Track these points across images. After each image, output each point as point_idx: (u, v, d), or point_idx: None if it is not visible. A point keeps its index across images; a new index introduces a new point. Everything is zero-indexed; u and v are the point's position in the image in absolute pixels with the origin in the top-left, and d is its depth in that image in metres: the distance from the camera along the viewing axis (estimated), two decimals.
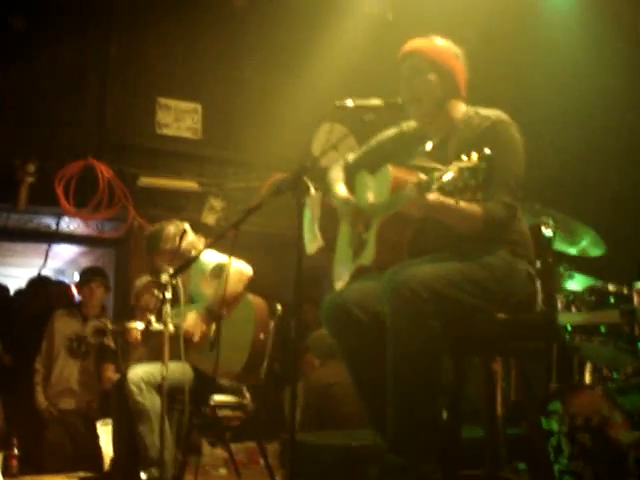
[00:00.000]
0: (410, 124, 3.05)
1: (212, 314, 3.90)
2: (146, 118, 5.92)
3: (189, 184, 5.93)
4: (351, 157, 3.17)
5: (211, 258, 4.02)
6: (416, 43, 2.95)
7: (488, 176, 2.33)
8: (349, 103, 2.84)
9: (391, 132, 3.09)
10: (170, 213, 5.59)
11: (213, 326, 3.96)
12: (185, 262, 3.06)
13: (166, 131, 5.94)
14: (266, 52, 6.18)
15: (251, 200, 5.88)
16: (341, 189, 3.03)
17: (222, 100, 6.11)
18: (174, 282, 3.38)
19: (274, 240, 5.83)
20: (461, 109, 2.91)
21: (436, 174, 2.44)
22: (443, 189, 2.39)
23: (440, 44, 2.93)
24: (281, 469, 4.37)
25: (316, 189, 2.90)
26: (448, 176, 2.37)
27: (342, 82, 5.83)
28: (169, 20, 5.94)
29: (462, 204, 2.48)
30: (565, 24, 5.60)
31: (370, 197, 2.93)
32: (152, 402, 3.73)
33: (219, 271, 3.98)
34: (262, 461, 4.18)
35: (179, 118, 5.97)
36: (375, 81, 5.98)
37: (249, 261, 4.08)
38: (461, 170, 2.34)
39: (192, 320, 3.93)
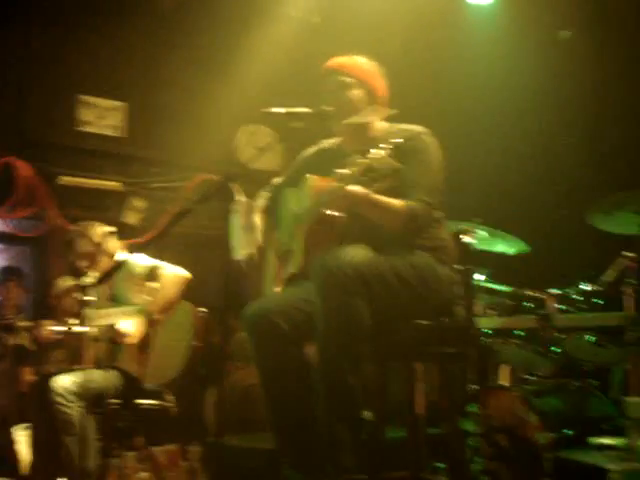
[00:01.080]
0: (330, 141, 3.10)
1: (151, 319, 3.87)
2: (67, 116, 5.80)
3: (111, 183, 5.84)
4: (277, 180, 3.20)
5: (141, 261, 3.97)
6: (341, 60, 3.02)
7: (400, 163, 2.46)
8: (276, 110, 2.86)
9: (311, 150, 3.15)
10: (91, 212, 5.49)
11: (149, 333, 3.92)
12: (113, 266, 3.02)
13: (88, 129, 5.83)
14: (191, 51, 6.13)
15: (174, 200, 5.83)
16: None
17: (146, 98, 6.04)
18: (97, 286, 3.34)
19: (196, 240, 5.79)
20: (382, 126, 2.98)
21: (352, 167, 2.54)
22: (359, 179, 2.45)
23: (365, 62, 3.01)
24: (203, 471, 4.36)
25: (244, 195, 2.92)
26: (363, 166, 2.47)
27: (267, 84, 5.83)
28: (93, 17, 5.82)
29: (385, 198, 2.58)
30: (485, 33, 5.73)
31: (294, 208, 2.97)
32: (77, 412, 3.66)
33: (152, 274, 3.94)
34: (184, 463, 4.15)
35: (101, 116, 5.87)
36: (300, 83, 6.02)
37: (169, 261, 4.05)
38: (375, 159, 2.45)
39: (132, 325, 3.88)
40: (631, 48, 5.17)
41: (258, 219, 3.11)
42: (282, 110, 2.83)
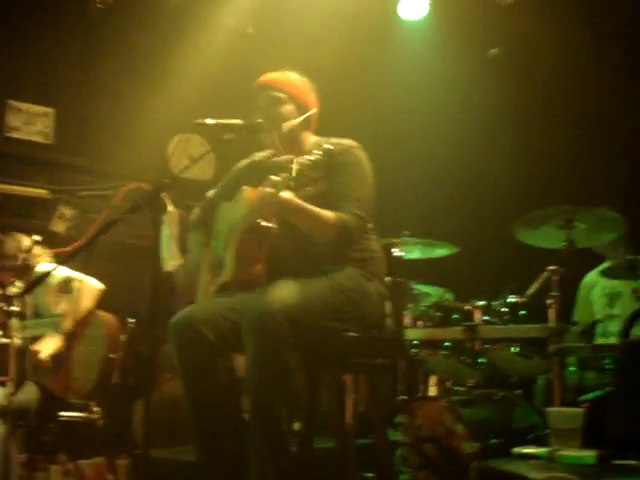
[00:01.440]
0: (261, 154, 3.13)
1: (66, 333, 3.81)
2: None
3: (39, 191, 5.71)
4: (211, 193, 3.20)
5: (57, 272, 3.91)
6: (273, 75, 3.08)
7: (329, 169, 2.53)
8: (209, 121, 2.85)
9: (245, 162, 3.17)
10: (18, 220, 5.39)
11: (64, 345, 3.89)
12: (36, 278, 2.97)
13: (15, 135, 5.70)
14: (123, 58, 6.05)
15: (103, 209, 5.74)
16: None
17: (76, 105, 5.93)
18: (23, 296, 3.28)
19: (125, 249, 5.70)
20: (311, 139, 3.03)
21: (282, 175, 2.56)
22: (289, 185, 2.47)
23: (296, 78, 3.07)
24: None
25: (174, 206, 2.91)
26: (290, 172, 2.50)
27: (200, 92, 5.79)
28: (22, 21, 5.70)
29: (317, 209, 2.60)
30: (417, 47, 5.81)
31: (229, 219, 2.98)
32: (1, 428, 3.58)
33: (66, 285, 3.88)
34: (111, 477, 4.09)
35: (30, 122, 5.74)
36: (234, 93, 6.00)
37: (98, 270, 4.00)
38: (303, 164, 2.49)
39: (46, 345, 3.83)
40: (557, 64, 5.31)
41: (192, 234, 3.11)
42: (212, 121, 2.83)
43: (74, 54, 5.96)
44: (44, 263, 4.02)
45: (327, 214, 2.72)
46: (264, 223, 2.74)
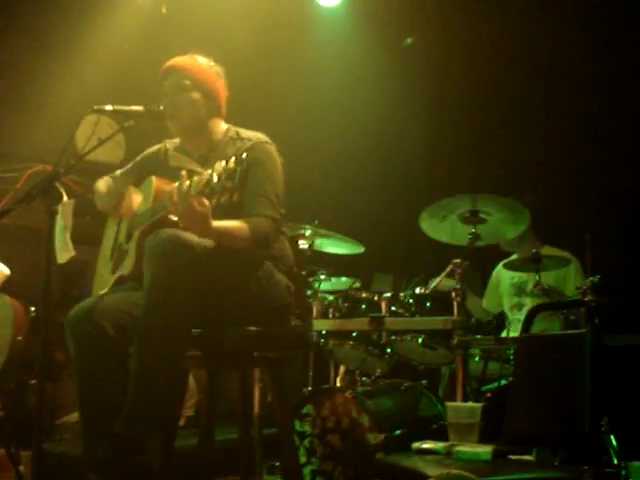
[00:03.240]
0: (173, 141, 3.06)
1: None
2: None
3: None
4: (118, 172, 3.11)
5: None
6: (179, 61, 2.98)
7: (243, 179, 2.41)
8: (107, 107, 2.77)
9: (154, 148, 3.10)
10: None
11: None
12: None
13: None
14: (30, 35, 5.82)
15: (7, 192, 5.54)
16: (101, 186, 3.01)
17: None
18: None
19: (29, 233, 5.53)
20: (222, 128, 2.98)
21: (195, 178, 2.47)
22: (202, 192, 2.41)
23: (203, 63, 2.99)
24: (31, 477, 4.20)
25: (69, 196, 2.82)
26: (205, 178, 2.40)
27: (110, 73, 5.64)
28: None
29: (229, 225, 2.55)
30: (333, 34, 5.78)
31: (134, 208, 2.90)
32: None
33: None
34: (13, 468, 3.98)
35: None
36: (145, 74, 5.86)
37: (4, 255, 3.88)
38: (218, 173, 2.40)
39: None
40: (472, 56, 5.36)
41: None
42: (111, 108, 2.75)
43: None
44: None
45: (241, 228, 2.69)
46: (173, 217, 2.67)
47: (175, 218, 2.63)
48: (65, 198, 2.70)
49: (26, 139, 5.69)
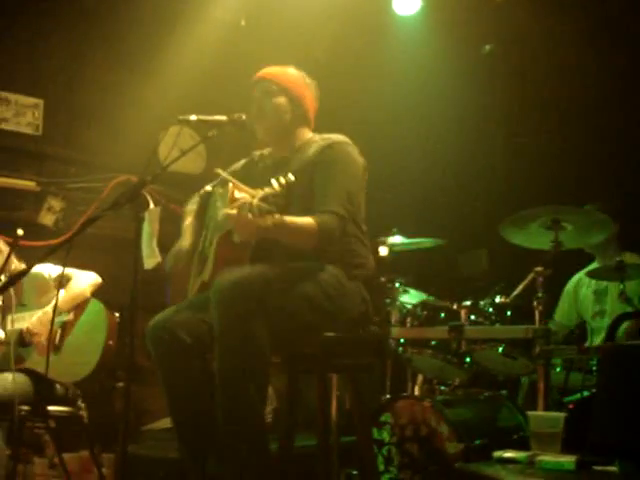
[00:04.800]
0: (263, 152, 3.12)
1: (57, 314, 3.79)
2: None
3: (27, 183, 5.67)
4: (208, 187, 3.18)
5: (50, 268, 3.93)
6: (270, 69, 3.06)
7: (289, 200, 2.45)
8: (192, 117, 2.84)
9: (242, 161, 3.16)
10: (5, 212, 5.36)
11: (59, 331, 3.86)
12: (17, 274, 2.95)
13: (4, 126, 5.66)
14: (113, 50, 6.00)
15: (92, 201, 5.71)
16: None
17: (65, 96, 5.89)
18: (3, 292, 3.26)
19: (116, 241, 5.67)
20: (307, 135, 3.00)
21: (247, 200, 2.50)
22: (253, 212, 2.44)
23: (292, 72, 3.06)
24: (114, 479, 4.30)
25: (156, 203, 2.89)
26: (255, 200, 2.45)
27: (192, 86, 5.76)
28: (12, 11, 5.66)
29: (295, 221, 2.58)
30: (411, 42, 5.78)
31: (215, 214, 2.96)
32: None
33: (65, 281, 3.89)
34: (96, 471, 4.08)
35: (19, 113, 5.70)
36: (225, 87, 5.98)
37: (90, 262, 4.00)
38: (265, 196, 2.44)
39: (37, 319, 3.82)
40: (551, 61, 5.29)
41: (187, 223, 3.08)
42: (195, 118, 2.81)
43: (64, 45, 5.91)
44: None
45: (308, 225, 2.69)
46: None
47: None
48: (152, 205, 2.77)
49: (110, 150, 5.86)
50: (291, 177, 2.45)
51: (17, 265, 3.94)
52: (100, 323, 3.89)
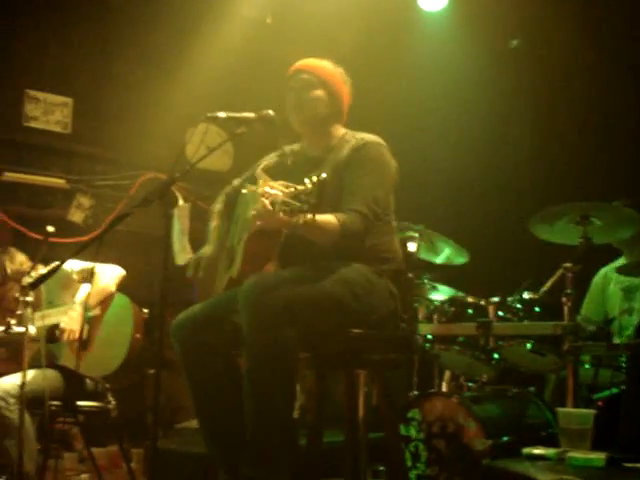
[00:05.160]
0: (293, 147, 3.11)
1: (86, 310, 3.84)
2: (13, 110, 5.67)
3: (56, 180, 5.74)
4: (236, 181, 3.20)
5: (75, 266, 3.96)
6: (309, 61, 3.03)
7: (320, 199, 2.43)
8: (221, 115, 2.85)
9: (274, 156, 3.14)
10: (35, 209, 5.43)
11: (86, 327, 3.90)
12: (48, 271, 2.98)
13: (34, 124, 5.72)
14: (140, 48, 6.06)
15: (121, 198, 5.76)
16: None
17: (93, 95, 5.95)
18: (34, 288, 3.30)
19: (145, 239, 5.73)
20: (340, 132, 3.00)
21: (280, 198, 2.50)
22: (284, 210, 2.45)
23: (332, 67, 3.04)
24: (143, 474, 4.34)
25: (185, 200, 2.91)
26: (287, 198, 2.45)
27: (218, 83, 5.80)
28: (41, 10, 5.72)
29: (317, 217, 2.58)
30: (437, 38, 5.77)
31: (244, 210, 2.97)
32: (18, 415, 3.59)
33: (88, 275, 3.92)
34: (125, 466, 4.12)
35: (48, 111, 5.76)
36: (251, 84, 6.01)
37: (120, 260, 4.04)
38: (297, 194, 2.44)
39: (69, 317, 3.87)
40: (579, 56, 5.25)
41: (213, 225, 3.10)
42: (224, 115, 2.82)
43: (92, 44, 5.98)
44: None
45: (331, 223, 2.69)
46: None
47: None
48: (181, 202, 2.79)
49: (138, 148, 5.91)
50: (324, 175, 2.45)
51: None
52: (127, 317, 3.93)
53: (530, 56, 5.51)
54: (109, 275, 3.98)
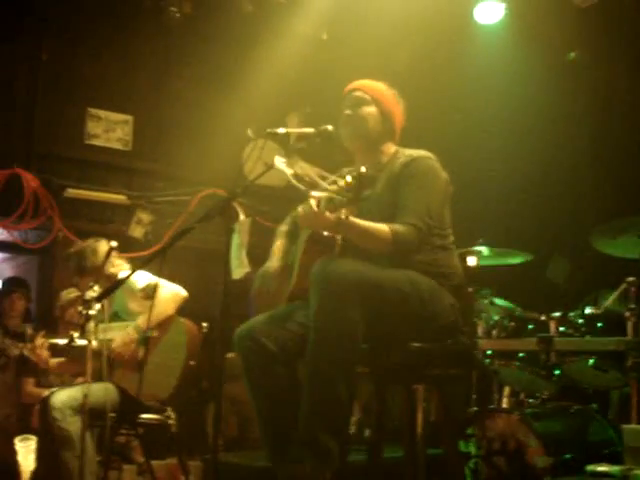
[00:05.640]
0: (350, 169, 3.13)
1: (141, 334, 3.85)
2: (75, 128, 5.83)
3: (117, 196, 5.86)
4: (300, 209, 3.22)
5: (140, 278, 3.93)
6: (362, 82, 3.09)
7: (359, 193, 2.45)
8: (280, 130, 2.87)
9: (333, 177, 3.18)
10: (96, 225, 5.53)
11: (142, 349, 3.87)
12: (113, 284, 3.03)
13: (95, 142, 5.86)
14: (200, 67, 6.17)
15: (180, 214, 5.84)
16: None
17: (153, 112, 6.07)
18: (99, 301, 3.35)
19: (202, 254, 5.80)
20: (392, 150, 3.02)
21: (323, 196, 2.55)
22: (329, 207, 2.48)
23: (385, 87, 3.08)
24: None
25: (246, 215, 2.94)
26: (331, 194, 2.49)
27: (275, 99, 5.86)
28: (103, 30, 5.87)
29: (369, 223, 2.60)
30: (493, 51, 5.74)
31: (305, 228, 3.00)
32: (76, 427, 3.62)
33: (151, 291, 3.92)
34: (183, 478, 4.15)
35: (109, 129, 5.90)
36: (308, 99, 6.06)
37: (175, 274, 4.04)
38: (339, 189, 2.47)
39: (121, 339, 3.87)
40: (637, 67, 5.18)
41: (277, 244, 3.13)
42: (284, 130, 2.85)
43: (152, 63, 6.11)
44: (124, 270, 4.08)
45: (381, 229, 2.72)
46: (326, 233, 2.75)
47: (326, 233, 2.73)
48: (242, 217, 2.82)
49: (196, 164, 5.99)
50: (363, 169, 2.47)
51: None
52: (181, 342, 3.91)
53: (588, 67, 5.44)
54: (170, 297, 3.95)
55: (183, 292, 4.02)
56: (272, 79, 5.90)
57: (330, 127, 2.92)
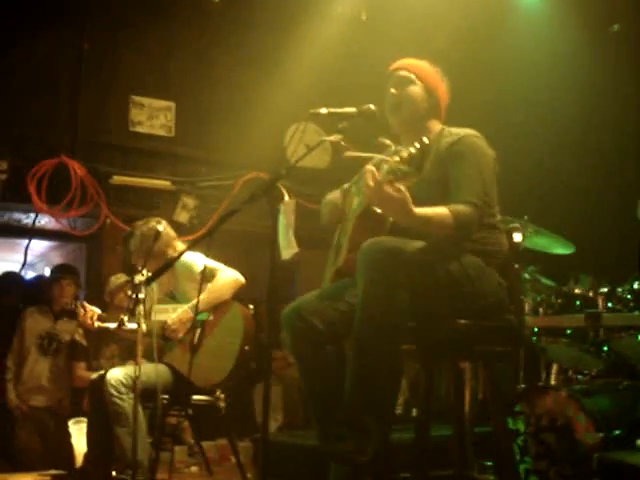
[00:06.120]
0: (396, 148, 3.12)
1: (197, 314, 3.88)
2: (119, 116, 5.90)
3: (162, 182, 5.93)
4: (346, 185, 3.19)
5: (198, 260, 3.95)
6: (404, 61, 3.08)
7: (422, 163, 2.46)
8: (323, 111, 2.87)
9: (378, 158, 3.16)
10: (142, 211, 5.60)
11: (198, 331, 3.94)
12: (164, 265, 3.07)
13: (139, 129, 5.93)
14: (240, 51, 6.19)
15: (224, 199, 5.89)
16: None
17: (195, 98, 6.12)
18: (149, 284, 3.40)
19: (245, 237, 5.85)
20: (438, 128, 3.01)
21: (384, 166, 2.54)
22: (390, 179, 2.47)
23: (429, 66, 3.07)
24: (253, 467, 4.42)
25: (290, 195, 2.95)
26: (389, 165, 2.48)
27: (316, 81, 5.87)
28: (143, 17, 5.92)
29: (429, 209, 2.58)
30: (534, 28, 5.68)
31: (352, 205, 3.01)
32: (131, 405, 3.69)
33: (210, 275, 3.95)
34: (233, 459, 4.20)
35: (152, 116, 5.96)
36: (348, 80, 6.05)
37: (220, 258, 4.07)
38: (401, 159, 2.46)
39: (177, 316, 3.92)
40: None
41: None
42: (326, 111, 2.86)
43: (193, 49, 6.15)
44: (176, 250, 4.09)
45: (443, 215, 2.68)
46: (376, 209, 2.74)
47: (378, 210, 2.70)
48: (287, 197, 2.84)
49: (238, 148, 6.03)
50: (425, 140, 2.47)
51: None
52: (238, 327, 3.94)
53: (631, 40, 5.34)
54: (229, 282, 3.97)
55: (242, 278, 4.04)
56: (312, 61, 5.90)
57: (372, 106, 2.92)
